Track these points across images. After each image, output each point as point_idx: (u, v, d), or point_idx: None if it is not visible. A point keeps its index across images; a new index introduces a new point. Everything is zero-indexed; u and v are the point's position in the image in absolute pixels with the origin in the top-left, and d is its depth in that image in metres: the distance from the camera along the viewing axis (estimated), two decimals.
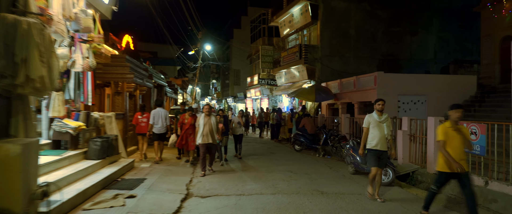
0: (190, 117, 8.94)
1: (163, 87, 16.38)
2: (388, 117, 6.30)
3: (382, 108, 6.21)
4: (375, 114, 6.24)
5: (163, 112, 9.25)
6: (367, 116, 6.33)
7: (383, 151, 6.13)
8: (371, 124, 6.18)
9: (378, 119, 6.17)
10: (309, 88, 15.96)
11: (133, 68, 9.82)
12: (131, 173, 7.59)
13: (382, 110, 6.22)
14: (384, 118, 6.20)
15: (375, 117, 6.21)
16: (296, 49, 19.24)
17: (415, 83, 13.16)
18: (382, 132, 6.10)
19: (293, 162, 10.27)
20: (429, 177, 8.18)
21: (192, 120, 8.83)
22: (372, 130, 6.14)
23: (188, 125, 8.85)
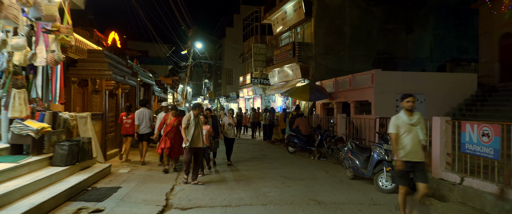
0: (174, 117, 7.85)
1: (151, 86, 15.47)
2: (421, 117, 4.90)
3: (412, 106, 4.84)
4: (404, 114, 4.82)
5: (148, 111, 8.92)
6: (393, 118, 4.91)
7: (417, 163, 4.69)
8: (401, 128, 4.75)
9: (409, 120, 4.75)
10: (303, 87, 15.17)
11: (112, 64, 8.94)
12: (106, 180, 6.71)
13: (412, 109, 4.85)
14: (416, 118, 4.79)
15: (405, 118, 4.78)
16: (289, 47, 18.45)
17: (413, 81, 12.44)
18: (415, 137, 4.70)
19: (287, 165, 9.47)
20: (434, 181, 7.44)
21: (176, 120, 7.78)
22: (402, 135, 4.73)
23: (171, 127, 7.72)
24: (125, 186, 6.25)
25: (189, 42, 22.52)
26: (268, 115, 16.26)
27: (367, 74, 12.66)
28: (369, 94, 12.40)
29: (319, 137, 11.06)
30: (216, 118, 8.96)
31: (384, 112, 11.54)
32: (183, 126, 6.62)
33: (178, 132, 7.65)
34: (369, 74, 12.49)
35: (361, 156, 7.51)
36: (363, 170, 7.25)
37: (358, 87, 13.09)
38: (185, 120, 6.67)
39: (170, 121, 7.83)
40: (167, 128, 7.80)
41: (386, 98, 12.11)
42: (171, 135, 7.76)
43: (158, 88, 18.23)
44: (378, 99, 12.07)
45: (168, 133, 7.76)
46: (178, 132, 7.66)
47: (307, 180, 7.56)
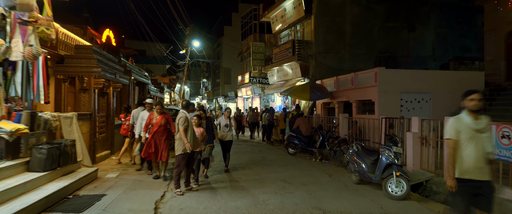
0: (160, 116, 6.82)
1: (146, 85, 14.85)
2: (488, 123, 3.64)
3: (480, 105, 3.50)
4: (467, 117, 3.55)
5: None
6: (452, 121, 3.63)
7: (482, 182, 3.46)
8: (463, 135, 3.50)
9: (474, 125, 3.50)
10: (303, 86, 14.58)
11: (102, 61, 8.32)
12: (90, 186, 6.10)
13: (479, 110, 3.50)
14: (484, 123, 3.54)
15: (468, 121, 3.52)
16: (289, 45, 17.85)
17: (418, 80, 11.85)
18: (480, 148, 3.48)
19: (287, 168, 8.87)
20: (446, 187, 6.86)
21: (163, 119, 6.80)
22: (464, 144, 3.50)
23: (157, 127, 6.76)
24: (111, 193, 5.64)
25: (186, 40, 21.88)
26: (267, 115, 15.67)
27: (370, 73, 12.08)
28: (372, 93, 11.82)
29: (320, 138, 10.47)
30: (210, 119, 7.54)
31: (387, 112, 10.97)
32: (182, 127, 5.78)
33: (166, 132, 6.87)
34: (372, 72, 11.91)
35: (368, 159, 6.92)
36: (370, 175, 6.66)
37: (361, 86, 12.51)
38: (183, 120, 5.85)
39: (157, 120, 6.81)
40: (153, 128, 6.76)
41: (390, 98, 11.53)
42: (158, 136, 6.80)
43: (154, 87, 17.62)
44: (381, 98, 11.49)
45: (155, 134, 6.78)
46: (166, 132, 6.88)
47: (309, 185, 6.96)
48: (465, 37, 19.82)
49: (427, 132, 7.72)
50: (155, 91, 17.20)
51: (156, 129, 6.79)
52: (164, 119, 6.89)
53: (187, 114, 6.06)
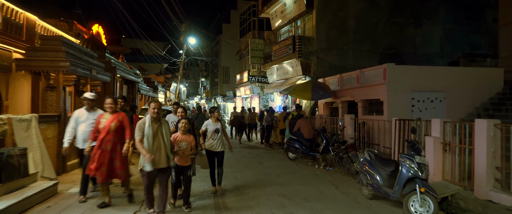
0: (112, 117, 4.94)
1: (136, 84, 13.63)
2: None
3: None
4: None
5: None
6: None
7: None
8: None
9: None
10: (305, 84, 13.35)
11: (72, 54, 7.09)
12: (43, 206, 4.86)
13: None
14: None
15: None
16: (289, 41, 16.62)
17: (431, 77, 10.61)
18: None
19: (287, 177, 7.63)
20: (478, 204, 5.62)
21: (115, 122, 4.90)
22: None
23: (105, 133, 4.87)
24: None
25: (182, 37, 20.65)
26: (266, 115, 14.44)
27: (378, 70, 10.84)
28: (381, 92, 10.58)
29: (324, 142, 9.24)
30: (193, 122, 5.81)
31: (397, 112, 9.75)
32: (137, 138, 4.29)
33: (119, 140, 4.99)
34: (380, 69, 10.67)
35: (384, 171, 5.68)
36: (387, 190, 5.42)
37: (367, 84, 11.28)
38: (139, 128, 4.30)
39: (106, 123, 4.92)
40: (101, 135, 4.89)
41: (400, 97, 10.30)
42: (107, 145, 4.89)
43: (146, 86, 16.40)
44: (391, 97, 10.26)
45: (103, 143, 4.89)
46: (119, 139, 5.00)
47: (313, 201, 5.72)
48: (475, 34, 18.56)
49: (451, 136, 6.50)
50: (147, 91, 15.98)
51: (103, 135, 4.88)
52: (116, 121, 4.94)
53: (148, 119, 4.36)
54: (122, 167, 5.02)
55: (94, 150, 4.93)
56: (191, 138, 4.97)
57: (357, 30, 16.87)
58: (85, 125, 5.35)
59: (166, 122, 4.65)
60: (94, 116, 5.34)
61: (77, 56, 7.30)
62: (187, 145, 4.89)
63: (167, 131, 4.52)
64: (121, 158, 5.00)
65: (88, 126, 5.30)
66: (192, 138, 5.01)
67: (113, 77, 10.71)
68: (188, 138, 4.92)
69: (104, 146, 4.92)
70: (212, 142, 5.99)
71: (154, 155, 4.29)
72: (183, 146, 4.85)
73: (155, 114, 4.38)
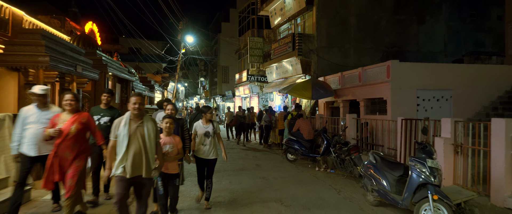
0: (73, 116, 4.05)
1: (130, 83, 13.10)
2: None
3: None
4: None
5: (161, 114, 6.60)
6: None
7: None
8: None
9: None
10: (305, 83, 12.81)
11: (54, 49, 6.57)
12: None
13: None
14: None
15: None
16: (288, 39, 16.06)
17: (438, 75, 10.07)
18: None
19: (285, 182, 7.08)
20: (494, 211, 5.08)
21: (78, 123, 4.04)
22: None
23: (62, 138, 3.95)
24: None
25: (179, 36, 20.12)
26: (265, 115, 13.91)
27: (381, 67, 10.30)
28: (384, 90, 10.05)
29: (325, 142, 8.70)
30: (183, 123, 4.87)
31: (402, 112, 9.23)
32: (111, 140, 3.49)
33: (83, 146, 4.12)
34: (383, 66, 10.13)
35: (391, 175, 5.13)
36: (395, 196, 4.87)
37: (370, 83, 10.74)
38: (114, 128, 3.51)
39: (65, 125, 3.98)
40: (58, 140, 3.95)
41: (405, 96, 9.77)
42: (66, 153, 3.97)
43: (142, 85, 15.86)
44: (395, 96, 9.72)
45: (60, 148, 3.96)
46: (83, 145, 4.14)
47: (313, 208, 5.18)
48: (479, 31, 18.01)
49: (463, 137, 5.95)
50: (142, 90, 15.44)
51: (59, 141, 3.93)
52: (77, 123, 4.04)
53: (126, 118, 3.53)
54: (72, 177, 3.97)
55: (50, 158, 3.95)
56: (177, 139, 4.26)
57: (359, 27, 16.32)
58: (35, 126, 4.16)
59: (152, 121, 3.66)
60: (47, 114, 4.22)
61: (59, 51, 6.76)
62: (172, 148, 4.16)
63: (151, 132, 3.54)
64: (76, 166, 4.01)
65: (39, 128, 4.17)
66: (179, 140, 4.30)
67: (104, 75, 10.17)
68: (174, 140, 4.21)
69: (61, 153, 3.95)
70: (202, 148, 5.02)
71: (129, 161, 3.40)
72: (168, 149, 4.13)
73: (136, 110, 3.47)
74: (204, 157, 5.04)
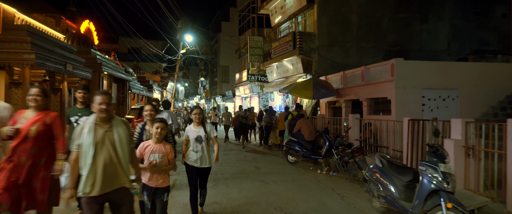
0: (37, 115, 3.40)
1: (127, 82, 12.74)
2: None
3: None
4: None
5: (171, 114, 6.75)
6: None
7: None
8: None
9: None
10: (306, 82, 12.42)
11: (41, 46, 6.20)
12: None
13: None
14: None
15: None
16: (289, 38, 15.69)
17: (444, 73, 9.66)
18: None
19: (285, 185, 6.70)
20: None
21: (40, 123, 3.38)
22: None
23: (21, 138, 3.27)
24: None
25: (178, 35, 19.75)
26: (265, 115, 13.53)
27: (384, 66, 9.92)
28: (388, 89, 9.66)
29: (327, 144, 8.31)
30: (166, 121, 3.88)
31: (407, 112, 8.83)
32: (73, 152, 2.79)
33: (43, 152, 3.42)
34: (387, 65, 9.74)
35: (399, 180, 4.74)
36: (404, 204, 4.48)
37: (373, 82, 10.36)
38: (75, 136, 2.81)
39: (24, 125, 3.31)
40: (14, 141, 3.29)
41: (410, 95, 9.38)
42: (22, 158, 3.29)
43: (140, 85, 15.50)
44: (399, 96, 9.34)
45: (16, 153, 3.28)
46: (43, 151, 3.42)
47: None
48: (483, 30, 17.59)
49: (474, 138, 5.55)
50: (140, 90, 15.09)
51: (16, 142, 3.28)
52: (40, 123, 3.37)
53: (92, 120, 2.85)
54: (42, 191, 3.36)
55: (1, 163, 3.27)
56: (167, 148, 3.62)
57: (361, 26, 15.93)
58: None
59: (123, 124, 2.92)
60: None
61: (47, 49, 6.39)
62: (162, 158, 3.55)
63: (123, 137, 2.83)
64: (43, 177, 3.38)
65: None
66: (170, 149, 3.66)
67: (98, 74, 9.83)
68: (164, 148, 3.59)
69: (16, 158, 3.25)
70: (194, 155, 4.33)
71: (98, 175, 2.70)
72: (157, 159, 3.52)
73: (103, 112, 2.75)
74: (196, 165, 4.37)
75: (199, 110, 4.52)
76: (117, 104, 12.26)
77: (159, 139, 3.59)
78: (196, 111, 4.48)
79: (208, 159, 4.44)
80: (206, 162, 4.41)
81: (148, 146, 3.61)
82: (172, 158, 3.68)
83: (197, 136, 4.37)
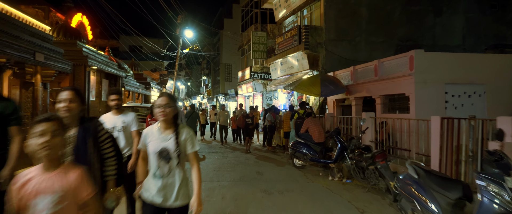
0: None
1: (119, 79, 11.66)
2: None
3: None
4: None
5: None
6: None
7: None
8: None
9: None
10: (313, 78, 11.28)
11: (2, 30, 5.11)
12: None
13: None
14: None
15: None
16: (294, 32, 14.55)
17: (469, 67, 8.49)
18: None
19: (293, 196, 5.56)
20: None
21: None
22: None
23: None
24: None
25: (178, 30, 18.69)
26: (268, 115, 12.40)
27: (402, 58, 8.76)
28: (406, 85, 8.50)
29: (338, 146, 7.18)
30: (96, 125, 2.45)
31: (427, 109, 7.71)
32: None
33: None
34: (405, 57, 8.58)
35: (443, 197, 3.57)
36: None
37: (388, 77, 9.20)
38: None
39: None
40: None
41: (431, 91, 8.23)
42: None
43: (135, 82, 14.43)
44: (419, 92, 8.19)
45: None
46: None
47: None
48: (501, 24, 16.32)
49: None
50: (135, 87, 14.02)
51: None
52: None
53: None
54: None
55: None
56: (76, 179, 1.70)
57: (370, 19, 14.76)
58: None
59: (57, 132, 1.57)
60: None
61: (10, 34, 5.31)
62: (58, 204, 1.64)
63: None
64: None
65: None
66: (81, 181, 1.72)
67: (84, 68, 8.74)
68: (65, 182, 1.68)
69: None
70: (154, 184, 2.45)
71: None
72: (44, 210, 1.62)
73: None
74: (156, 203, 2.43)
75: (167, 99, 2.48)
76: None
77: (50, 159, 1.66)
78: (161, 100, 2.47)
79: (183, 191, 2.47)
80: (177, 196, 2.44)
81: (29, 180, 1.66)
82: (90, 199, 1.74)
83: (161, 149, 2.43)
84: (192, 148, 2.51)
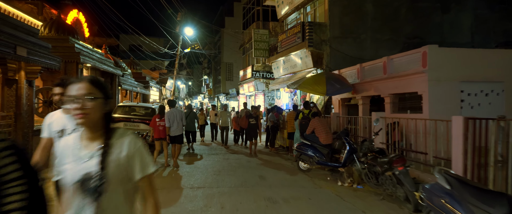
0: None
1: (116, 77, 11.09)
2: None
3: None
4: None
5: (178, 112, 8.00)
6: None
7: None
8: None
9: None
10: (317, 76, 10.72)
11: None
12: None
13: None
14: None
15: None
16: (297, 29, 13.97)
17: (486, 63, 7.88)
18: None
19: (301, 206, 4.96)
20: None
21: None
22: None
23: None
24: None
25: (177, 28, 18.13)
26: (271, 114, 11.83)
27: (414, 55, 8.16)
28: (419, 83, 7.91)
29: (347, 148, 6.60)
30: None
31: (441, 109, 7.15)
32: None
33: None
34: (417, 53, 7.98)
35: (484, 212, 2.99)
36: None
37: (398, 75, 8.62)
38: None
39: None
40: None
41: (445, 89, 7.63)
42: None
43: (133, 81, 13.86)
44: (433, 90, 7.60)
45: None
46: None
47: None
48: (509, 20, 15.72)
49: None
50: (133, 86, 13.45)
51: None
52: None
53: None
54: None
55: None
56: None
57: (376, 16, 14.18)
58: None
59: None
60: None
61: None
62: None
63: None
64: None
65: None
66: None
67: (76, 65, 8.18)
68: None
69: None
70: None
71: None
72: None
73: None
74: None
75: (88, 85, 1.45)
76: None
77: None
78: (76, 88, 1.43)
79: None
80: None
81: None
82: None
83: (83, 176, 1.40)
84: (143, 170, 1.48)
